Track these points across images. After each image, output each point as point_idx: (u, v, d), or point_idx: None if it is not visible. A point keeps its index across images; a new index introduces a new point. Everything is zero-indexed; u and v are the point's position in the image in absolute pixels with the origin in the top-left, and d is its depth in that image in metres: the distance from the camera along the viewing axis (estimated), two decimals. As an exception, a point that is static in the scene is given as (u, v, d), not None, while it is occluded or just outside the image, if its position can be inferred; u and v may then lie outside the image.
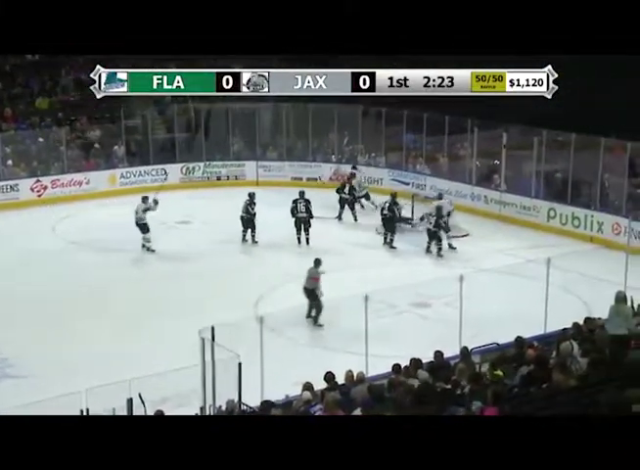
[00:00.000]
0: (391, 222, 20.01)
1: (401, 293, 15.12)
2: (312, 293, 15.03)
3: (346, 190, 22.44)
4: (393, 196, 20.64)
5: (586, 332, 11.18)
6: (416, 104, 18.59)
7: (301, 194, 20.55)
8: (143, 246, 19.36)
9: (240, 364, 10.09)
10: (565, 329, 11.25)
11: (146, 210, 19.27)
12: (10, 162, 24.48)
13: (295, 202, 20.25)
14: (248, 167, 26.51)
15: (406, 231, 20.73)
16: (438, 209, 19.54)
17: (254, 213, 20.00)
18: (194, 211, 22.93)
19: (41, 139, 25.44)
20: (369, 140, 26.50)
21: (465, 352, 10.96)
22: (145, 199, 19.48)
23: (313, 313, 15.05)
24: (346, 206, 22.28)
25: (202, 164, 26.33)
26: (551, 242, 19.40)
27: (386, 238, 20.03)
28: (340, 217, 22.28)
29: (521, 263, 17.11)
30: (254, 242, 20.12)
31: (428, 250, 19.27)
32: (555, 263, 13.88)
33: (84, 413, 9.04)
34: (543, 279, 13.70)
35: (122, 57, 11.26)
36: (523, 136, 23.08)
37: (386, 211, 20.12)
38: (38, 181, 24.21)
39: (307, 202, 20.27)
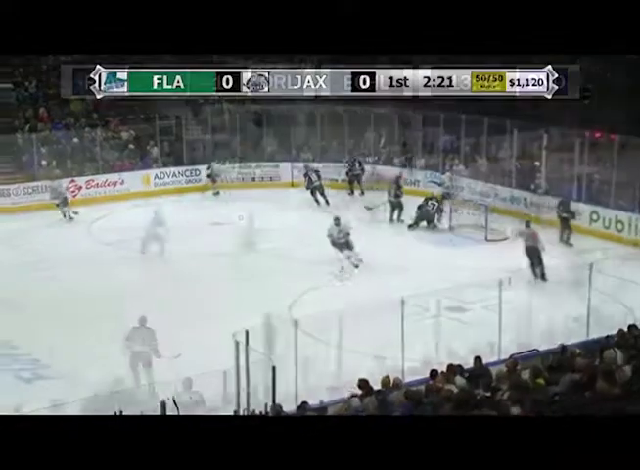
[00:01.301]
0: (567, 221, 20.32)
1: (438, 297, 14.84)
2: (534, 249, 16.32)
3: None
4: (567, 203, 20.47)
5: (631, 339, 10.85)
6: (454, 105, 18.32)
7: (307, 167, 23.69)
8: (349, 257, 18.65)
9: (274, 368, 10.02)
10: (608, 336, 10.96)
11: (340, 231, 18.56)
12: (44, 162, 24.57)
13: (306, 175, 23.07)
14: (282, 169, 26.42)
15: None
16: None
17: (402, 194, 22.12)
18: (227, 212, 22.78)
19: (76, 139, 25.57)
20: (406, 141, 26.27)
21: (511, 366, 10.58)
22: (337, 220, 18.74)
23: (539, 272, 16.21)
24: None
25: (236, 166, 26.22)
26: (593, 246, 18.98)
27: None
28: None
29: (562, 268, 16.77)
30: (400, 221, 21.55)
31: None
32: (598, 268, 13.55)
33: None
34: (585, 284, 13.38)
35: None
36: (563, 138, 22.71)
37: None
38: (73, 181, 24.31)
39: (317, 171, 23.37)
